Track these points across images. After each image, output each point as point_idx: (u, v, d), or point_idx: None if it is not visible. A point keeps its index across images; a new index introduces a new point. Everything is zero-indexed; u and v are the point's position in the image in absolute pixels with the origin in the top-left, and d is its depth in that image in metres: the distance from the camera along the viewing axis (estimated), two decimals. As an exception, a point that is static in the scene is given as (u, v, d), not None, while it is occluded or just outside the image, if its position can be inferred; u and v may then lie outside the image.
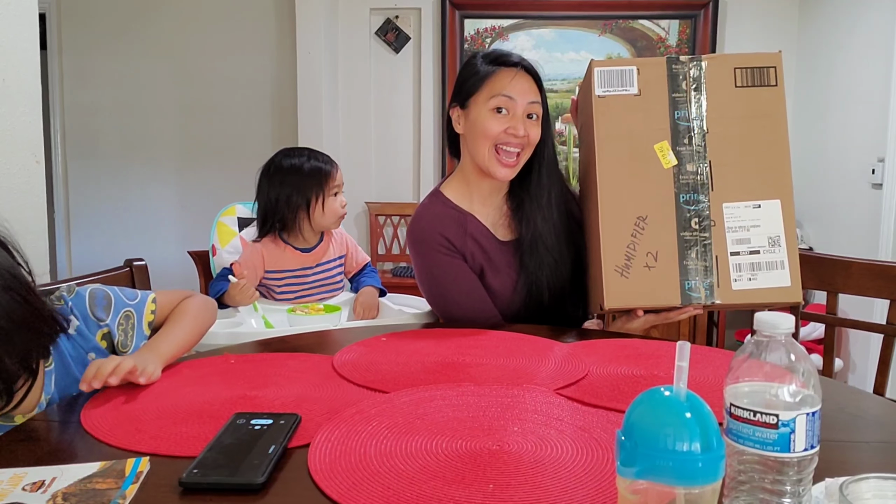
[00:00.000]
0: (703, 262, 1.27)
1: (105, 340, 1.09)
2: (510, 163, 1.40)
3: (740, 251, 1.27)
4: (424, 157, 3.96)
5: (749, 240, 1.27)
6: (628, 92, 1.30)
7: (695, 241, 1.27)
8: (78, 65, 4.13)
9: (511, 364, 1.11)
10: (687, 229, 1.28)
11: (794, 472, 0.59)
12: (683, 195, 1.28)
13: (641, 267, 1.27)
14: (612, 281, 1.28)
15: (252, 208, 2.24)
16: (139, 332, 1.13)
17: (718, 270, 1.27)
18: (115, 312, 1.10)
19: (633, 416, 0.53)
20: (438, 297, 1.49)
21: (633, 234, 1.28)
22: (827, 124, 3.33)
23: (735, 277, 1.27)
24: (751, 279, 1.26)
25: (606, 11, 3.80)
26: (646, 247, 1.28)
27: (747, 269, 1.27)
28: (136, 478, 0.70)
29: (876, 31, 2.92)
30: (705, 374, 1.04)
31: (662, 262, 1.27)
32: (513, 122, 1.39)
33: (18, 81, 1.45)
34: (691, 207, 1.28)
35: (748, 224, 1.27)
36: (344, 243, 2.09)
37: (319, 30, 3.69)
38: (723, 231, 1.27)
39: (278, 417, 0.83)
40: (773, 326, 0.61)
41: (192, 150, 4.08)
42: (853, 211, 3.07)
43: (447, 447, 0.77)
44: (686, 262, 1.27)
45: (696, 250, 1.27)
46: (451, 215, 1.47)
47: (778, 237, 1.27)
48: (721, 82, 1.29)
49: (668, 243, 1.28)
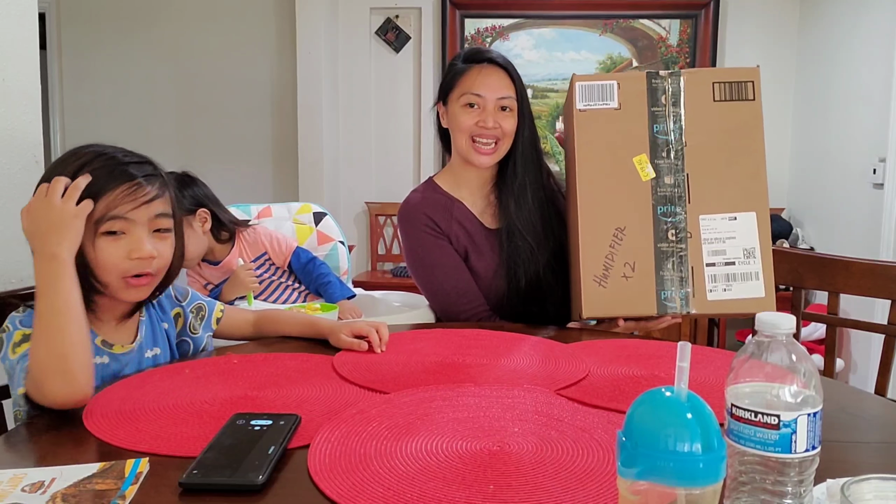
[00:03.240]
0: (678, 272, 1.29)
1: (177, 319, 1.22)
2: (487, 150, 1.49)
3: (716, 262, 1.29)
4: (424, 156, 3.96)
5: (725, 251, 1.29)
6: (608, 106, 1.32)
7: (671, 252, 1.29)
8: (78, 65, 4.13)
9: (511, 364, 1.11)
10: (664, 241, 1.30)
11: (795, 473, 0.59)
12: (661, 207, 1.30)
13: (619, 277, 1.30)
14: (590, 290, 1.30)
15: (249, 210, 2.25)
16: (207, 324, 1.25)
17: (694, 281, 1.29)
18: (191, 300, 1.24)
19: (634, 417, 0.53)
20: (424, 276, 1.56)
21: (611, 244, 1.30)
22: (828, 124, 3.33)
23: (710, 288, 1.29)
24: (725, 290, 1.29)
25: (607, 11, 3.80)
26: (624, 257, 1.30)
27: (722, 280, 1.29)
28: (136, 478, 0.70)
29: (876, 30, 2.92)
30: (706, 375, 1.04)
31: (639, 272, 1.29)
32: (482, 116, 1.48)
33: (18, 81, 1.44)
34: (668, 219, 1.30)
35: (724, 236, 1.30)
36: (258, 243, 2.03)
37: (319, 30, 3.69)
38: (699, 242, 1.30)
39: (278, 418, 0.83)
40: (774, 327, 0.60)
41: (191, 150, 4.08)
42: (854, 211, 3.07)
43: (447, 448, 0.77)
44: (662, 272, 1.29)
45: (672, 261, 1.29)
46: (438, 200, 1.56)
47: (753, 249, 1.29)
48: (699, 97, 1.31)
49: (645, 254, 1.30)
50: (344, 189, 3.99)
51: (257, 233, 2.04)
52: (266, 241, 2.03)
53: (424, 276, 1.56)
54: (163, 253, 1.05)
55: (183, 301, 1.23)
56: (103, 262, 1.00)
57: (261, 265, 2.01)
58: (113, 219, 0.99)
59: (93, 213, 0.97)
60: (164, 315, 1.19)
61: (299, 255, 2.05)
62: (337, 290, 2.00)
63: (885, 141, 2.80)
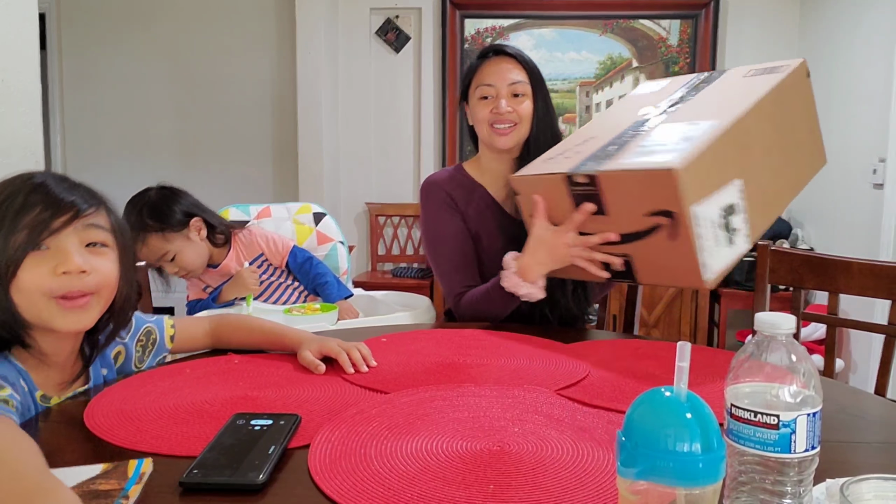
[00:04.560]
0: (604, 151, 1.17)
1: (116, 359, 1.10)
2: (504, 130, 1.54)
3: (646, 145, 1.13)
4: (424, 157, 3.96)
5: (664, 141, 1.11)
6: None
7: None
8: (78, 65, 4.13)
9: (511, 364, 1.11)
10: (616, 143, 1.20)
11: (794, 473, 0.59)
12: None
13: (549, 158, 1.33)
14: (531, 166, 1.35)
15: (248, 210, 2.25)
16: (160, 346, 1.16)
17: (617, 155, 1.14)
18: (135, 331, 1.12)
19: (634, 417, 0.53)
20: (430, 247, 1.62)
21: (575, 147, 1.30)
22: (828, 124, 3.32)
23: (626, 158, 1.12)
24: (644, 157, 1.09)
25: (607, 11, 3.80)
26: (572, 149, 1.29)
27: (644, 153, 1.11)
28: (140, 479, 0.70)
29: (877, 30, 2.92)
30: (706, 375, 1.04)
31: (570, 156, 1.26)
32: (496, 103, 1.53)
33: (18, 81, 1.45)
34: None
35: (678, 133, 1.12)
36: (254, 244, 2.02)
37: (319, 30, 3.69)
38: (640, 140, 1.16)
39: (278, 418, 0.83)
40: (773, 327, 0.61)
41: (191, 150, 4.08)
42: (854, 211, 3.07)
43: (448, 448, 0.77)
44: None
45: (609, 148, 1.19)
46: (461, 181, 1.63)
47: (692, 138, 1.08)
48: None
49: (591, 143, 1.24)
50: (344, 189, 3.99)
51: (252, 234, 2.03)
52: (262, 242, 2.03)
53: (433, 247, 1.61)
54: (98, 269, 0.92)
55: (125, 336, 1.10)
56: (26, 286, 0.86)
57: (258, 266, 2.01)
58: (38, 234, 0.86)
59: (11, 244, 0.86)
60: (104, 360, 1.06)
61: (296, 254, 2.04)
62: (334, 291, 2.00)
63: (885, 141, 2.80)
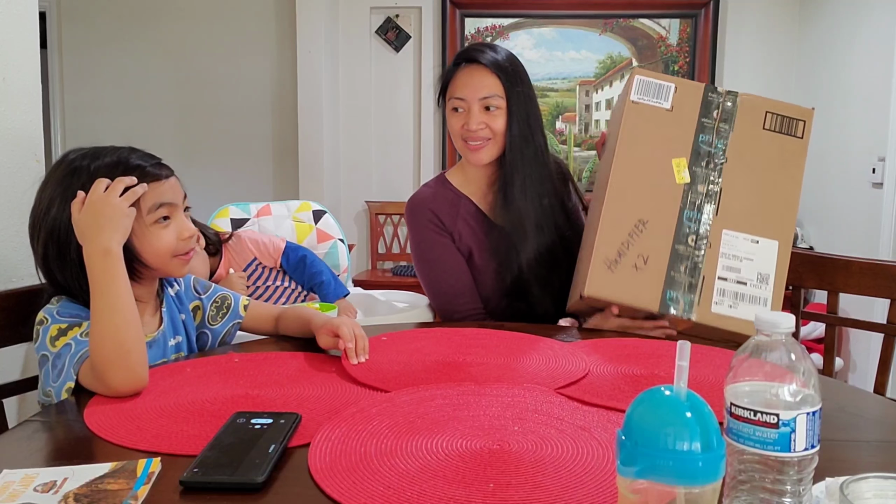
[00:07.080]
0: (690, 277, 1.29)
1: (195, 312, 1.27)
2: (476, 146, 1.48)
3: (728, 277, 1.29)
4: (424, 156, 3.96)
5: (739, 270, 1.30)
6: (661, 105, 1.34)
7: (688, 256, 1.30)
8: (78, 64, 4.13)
9: (511, 363, 1.11)
10: (683, 243, 1.30)
11: (794, 472, 0.59)
12: (688, 211, 1.31)
13: (630, 266, 1.30)
14: (598, 271, 1.30)
15: (248, 209, 2.25)
16: (234, 312, 1.29)
17: (703, 289, 1.29)
18: (212, 293, 1.29)
19: (634, 416, 0.53)
20: (423, 272, 1.58)
21: (630, 233, 1.30)
22: (828, 123, 3.33)
23: (716, 300, 1.29)
24: (731, 307, 1.29)
25: (607, 10, 3.80)
26: (639, 249, 1.30)
27: (730, 296, 1.29)
28: (148, 478, 0.70)
29: (877, 30, 2.92)
30: (706, 374, 1.04)
31: (651, 266, 1.29)
32: (467, 119, 1.47)
33: (18, 80, 1.44)
34: (692, 224, 1.31)
35: (742, 255, 1.30)
36: (245, 250, 2.01)
37: (319, 29, 3.69)
38: (717, 254, 1.30)
39: (278, 417, 0.83)
40: (773, 326, 0.61)
41: (192, 149, 4.08)
42: (854, 210, 3.07)
43: (447, 446, 0.77)
44: (674, 272, 1.29)
45: (686, 265, 1.30)
46: (446, 196, 1.57)
47: (768, 276, 1.30)
48: (751, 120, 1.33)
49: (661, 251, 1.30)
50: (344, 188, 3.99)
51: (242, 240, 2.01)
52: (252, 247, 2.01)
53: (424, 271, 1.58)
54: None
55: (203, 294, 1.28)
56: (158, 247, 1.08)
57: (253, 271, 2.00)
58: (162, 206, 1.08)
59: (142, 207, 1.05)
60: (182, 306, 1.24)
61: (288, 254, 2.03)
62: (331, 290, 1.99)
63: (884, 140, 2.80)
